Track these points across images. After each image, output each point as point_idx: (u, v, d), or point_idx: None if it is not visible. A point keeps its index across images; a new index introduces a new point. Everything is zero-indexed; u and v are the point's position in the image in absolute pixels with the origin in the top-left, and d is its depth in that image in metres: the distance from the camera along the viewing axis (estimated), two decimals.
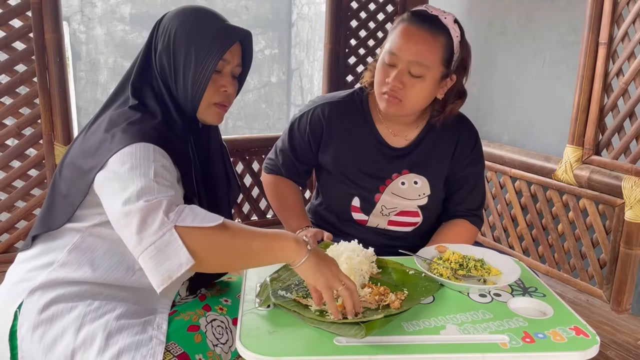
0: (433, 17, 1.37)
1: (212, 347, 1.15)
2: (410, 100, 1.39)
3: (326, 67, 2.67)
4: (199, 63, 1.15)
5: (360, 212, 1.53)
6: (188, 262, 0.95)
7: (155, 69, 1.19)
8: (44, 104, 2.09)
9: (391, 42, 1.39)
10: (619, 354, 1.75)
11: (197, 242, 0.96)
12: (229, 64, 1.21)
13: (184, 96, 1.18)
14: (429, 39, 1.36)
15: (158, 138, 1.09)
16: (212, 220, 0.98)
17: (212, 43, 1.15)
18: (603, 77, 2.02)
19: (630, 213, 1.91)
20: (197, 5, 1.24)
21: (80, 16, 5.33)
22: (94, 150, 1.09)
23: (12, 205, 2.14)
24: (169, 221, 0.95)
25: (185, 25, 1.17)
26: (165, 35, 1.18)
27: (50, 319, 1.08)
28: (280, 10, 5.92)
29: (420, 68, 1.36)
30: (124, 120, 1.11)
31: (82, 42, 5.36)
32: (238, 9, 5.85)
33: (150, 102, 1.17)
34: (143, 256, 0.96)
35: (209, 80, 1.16)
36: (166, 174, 1.05)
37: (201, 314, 1.19)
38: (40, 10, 2.03)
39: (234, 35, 1.19)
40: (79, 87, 5.41)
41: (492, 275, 1.23)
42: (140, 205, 0.96)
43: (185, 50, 1.16)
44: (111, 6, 5.40)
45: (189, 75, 1.16)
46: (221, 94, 1.22)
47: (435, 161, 1.52)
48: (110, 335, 1.05)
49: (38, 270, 1.14)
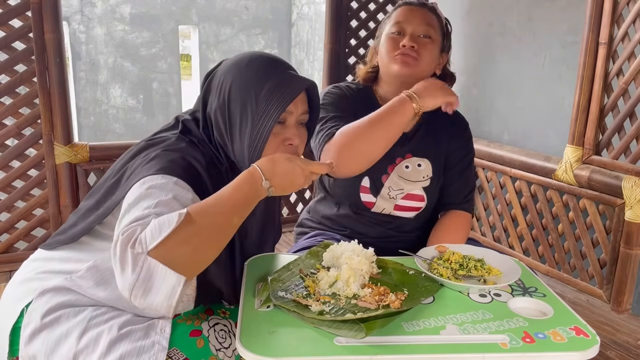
0: (426, 3, 1.56)
1: (215, 352, 1.14)
2: (423, 59, 1.49)
3: (326, 67, 2.67)
4: (257, 120, 1.06)
5: (369, 193, 1.55)
6: (179, 281, 0.89)
7: (209, 124, 1.13)
8: (43, 104, 2.09)
9: (394, 18, 1.53)
10: (619, 354, 1.75)
11: (173, 254, 0.89)
12: (292, 115, 1.12)
13: (240, 155, 1.11)
14: (430, 14, 1.53)
15: (188, 170, 1.04)
16: (169, 222, 0.89)
17: (269, 99, 1.06)
18: (603, 77, 2.02)
19: (630, 213, 1.91)
20: (253, 54, 1.13)
21: (80, 16, 5.33)
22: (130, 172, 1.08)
23: (12, 205, 2.14)
24: (139, 252, 0.87)
25: (240, 79, 1.09)
26: (220, 90, 1.10)
27: (55, 322, 1.08)
28: (280, 10, 5.93)
29: (429, 29, 1.50)
30: (164, 145, 1.08)
31: (82, 42, 5.36)
32: (238, 9, 5.86)
33: (197, 142, 1.12)
34: (134, 297, 0.89)
35: (267, 139, 1.07)
36: (173, 202, 0.97)
37: (203, 318, 1.18)
38: (40, 10, 2.03)
39: (293, 89, 1.09)
40: (79, 87, 5.41)
41: (492, 275, 1.23)
42: (119, 241, 0.89)
43: (241, 108, 1.08)
44: (111, 6, 5.40)
45: (246, 133, 1.08)
46: (286, 147, 1.12)
47: (433, 146, 1.59)
48: (113, 341, 1.05)
49: (54, 274, 1.14)
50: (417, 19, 1.50)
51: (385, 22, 1.57)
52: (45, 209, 2.19)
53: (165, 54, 5.71)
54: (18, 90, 2.09)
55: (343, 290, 1.13)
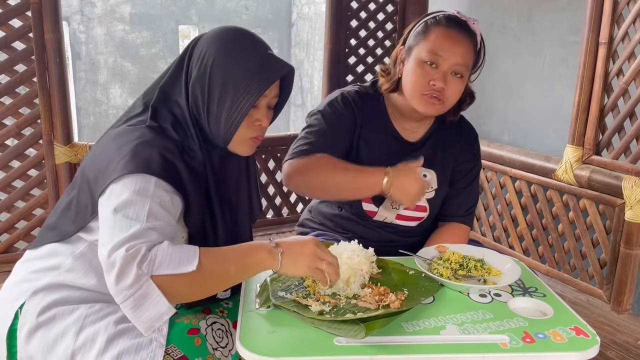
0: (464, 22, 1.44)
1: (212, 351, 1.14)
2: (450, 101, 1.44)
3: (326, 67, 2.67)
4: (236, 99, 1.10)
5: (371, 203, 1.54)
6: (169, 311, 0.97)
7: (184, 95, 1.14)
8: (43, 104, 2.09)
9: (431, 43, 1.40)
10: (619, 354, 1.75)
11: (175, 289, 0.97)
12: (265, 98, 1.16)
13: (216, 129, 1.14)
14: (468, 42, 1.42)
15: (166, 169, 1.06)
16: (187, 263, 0.97)
17: (252, 79, 1.10)
18: (603, 77, 2.02)
19: (630, 213, 1.91)
20: (237, 29, 1.15)
21: (80, 16, 5.33)
22: (103, 166, 1.08)
23: (12, 205, 2.14)
24: (144, 273, 0.94)
25: (224, 54, 1.11)
26: (201, 62, 1.12)
27: (50, 320, 1.08)
28: (280, 10, 5.92)
29: (463, 68, 1.41)
30: (135, 138, 1.08)
31: (81, 42, 5.36)
32: (238, 8, 5.85)
33: (168, 126, 1.13)
34: (123, 306, 0.95)
35: (245, 117, 1.11)
36: (161, 213, 1.03)
37: (201, 317, 1.18)
38: (40, 10, 2.03)
39: (276, 72, 1.13)
40: (79, 87, 5.41)
41: (492, 275, 1.23)
42: (120, 254, 0.94)
43: (222, 83, 1.10)
44: (111, 6, 5.40)
45: (224, 109, 1.11)
46: (256, 127, 1.17)
47: (442, 156, 1.56)
48: (111, 338, 1.05)
49: (43, 272, 1.14)
50: (455, 55, 1.39)
51: (420, 37, 1.43)
52: (45, 209, 2.19)
53: (165, 54, 5.70)
54: (18, 90, 2.09)
55: (343, 290, 1.13)
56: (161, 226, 1.01)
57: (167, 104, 1.16)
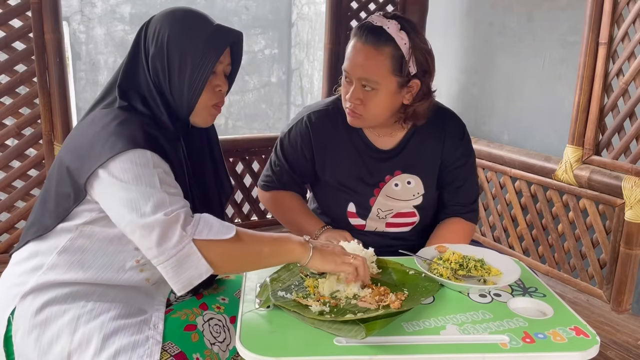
0: (377, 29, 1.34)
1: (210, 346, 1.15)
2: (369, 113, 1.40)
3: (326, 67, 2.67)
4: (196, 67, 1.15)
5: (357, 217, 1.53)
6: (208, 271, 1.04)
7: (146, 71, 1.18)
8: (43, 104, 2.09)
9: (346, 55, 1.40)
10: (619, 354, 1.75)
11: (214, 253, 1.04)
12: (221, 64, 1.21)
13: (180, 99, 1.18)
14: (374, 53, 1.34)
15: (151, 142, 1.09)
16: (226, 231, 1.06)
17: (207, 45, 1.15)
18: (603, 77, 2.02)
19: (630, 213, 1.91)
20: (185, 7, 1.23)
21: (80, 16, 5.33)
22: (85, 152, 1.09)
23: (12, 205, 2.14)
24: (187, 235, 1.02)
25: (178, 28, 1.16)
26: (157, 38, 1.17)
27: (44, 323, 1.08)
28: (280, 10, 5.92)
29: (371, 83, 1.35)
30: (112, 120, 1.11)
31: (82, 42, 5.36)
32: (238, 9, 5.85)
33: (138, 104, 1.16)
34: (164, 266, 1.02)
35: (206, 83, 1.17)
36: (170, 180, 1.09)
37: (198, 312, 1.19)
38: (40, 10, 2.03)
39: (228, 36, 1.20)
40: (79, 87, 5.41)
41: (492, 275, 1.23)
42: (160, 219, 1.01)
43: (180, 53, 1.15)
44: (111, 6, 5.40)
45: (185, 78, 1.16)
46: (216, 94, 1.23)
47: (425, 159, 1.52)
48: (107, 337, 1.05)
49: (28, 274, 1.14)
50: (358, 68, 1.34)
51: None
52: None
53: None
54: (18, 90, 2.09)
55: (343, 291, 1.13)
56: (177, 192, 1.08)
57: (131, 84, 1.19)
